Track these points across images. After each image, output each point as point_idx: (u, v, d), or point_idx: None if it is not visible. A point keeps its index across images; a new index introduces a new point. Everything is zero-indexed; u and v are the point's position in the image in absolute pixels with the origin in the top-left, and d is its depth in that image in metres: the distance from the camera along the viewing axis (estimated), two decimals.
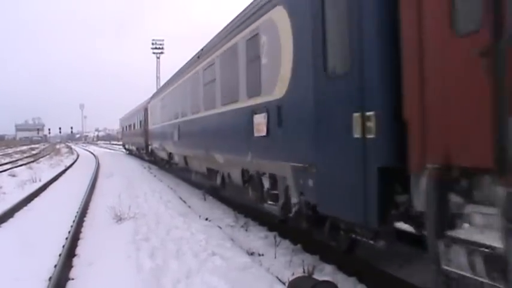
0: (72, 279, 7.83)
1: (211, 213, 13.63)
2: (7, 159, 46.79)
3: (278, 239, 9.90)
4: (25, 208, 15.16)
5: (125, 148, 63.90)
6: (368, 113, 5.68)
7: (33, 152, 69.86)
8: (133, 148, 49.10)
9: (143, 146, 37.29)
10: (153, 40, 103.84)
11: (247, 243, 10.00)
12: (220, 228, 11.45)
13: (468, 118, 4.36)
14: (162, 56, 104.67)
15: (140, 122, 39.21)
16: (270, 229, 11.13)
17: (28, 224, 12.40)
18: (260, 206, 10.48)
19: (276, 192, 9.33)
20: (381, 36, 5.58)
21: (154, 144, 30.20)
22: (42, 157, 52.25)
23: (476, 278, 4.28)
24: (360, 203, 5.86)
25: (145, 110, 35.68)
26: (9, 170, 29.97)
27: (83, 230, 11.66)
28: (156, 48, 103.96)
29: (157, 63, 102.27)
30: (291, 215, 8.45)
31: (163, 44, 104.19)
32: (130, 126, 49.99)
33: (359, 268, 7.69)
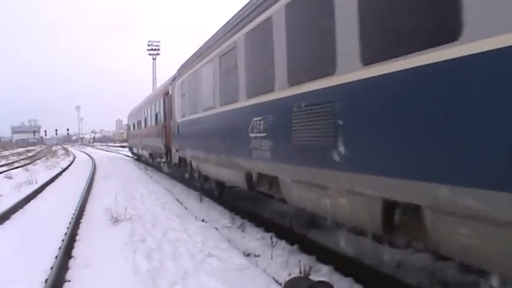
0: (69, 281, 7.82)
1: (208, 214, 13.62)
2: (3, 162, 46.62)
3: (274, 239, 9.89)
4: (21, 210, 15.12)
5: (132, 152, 49.47)
6: None
7: (30, 154, 69.73)
8: (145, 153, 35.17)
9: (162, 151, 25.11)
10: (149, 41, 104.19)
11: (243, 244, 10.00)
12: (216, 229, 11.44)
13: None
14: (158, 57, 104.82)
15: (156, 115, 27.24)
16: (267, 230, 11.12)
17: (24, 226, 12.37)
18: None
19: None
20: None
21: (191, 151, 16.90)
22: (38, 159, 52.16)
23: None
24: None
25: (166, 95, 23.25)
26: (5, 172, 29.88)
27: (79, 231, 11.65)
28: (152, 49, 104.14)
29: (154, 65, 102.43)
30: None
31: (159, 46, 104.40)
32: (139, 123, 36.83)
33: (356, 269, 7.69)
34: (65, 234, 10.86)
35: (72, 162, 44.58)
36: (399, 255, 7.42)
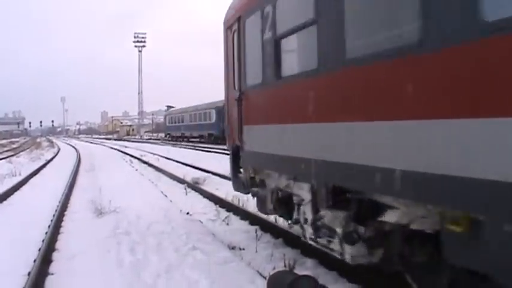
0: (52, 274, 7.78)
1: (193, 207, 13.55)
2: None
3: (259, 233, 9.90)
4: (5, 203, 15.03)
5: None
6: None
7: (13, 146, 69.32)
8: None
9: None
10: (136, 33, 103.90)
11: (228, 237, 9.98)
12: (201, 222, 11.42)
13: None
14: (144, 49, 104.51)
15: None
16: (252, 223, 11.12)
17: (7, 219, 12.26)
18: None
19: None
20: None
21: None
22: (22, 151, 51.82)
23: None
24: None
25: None
26: None
27: (63, 224, 11.60)
28: (138, 41, 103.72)
29: (140, 57, 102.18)
30: None
31: (145, 38, 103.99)
32: None
33: (340, 262, 7.70)
34: (49, 226, 10.80)
35: (56, 154, 44.26)
36: None
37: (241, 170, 10.11)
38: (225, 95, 10.96)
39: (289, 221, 8.45)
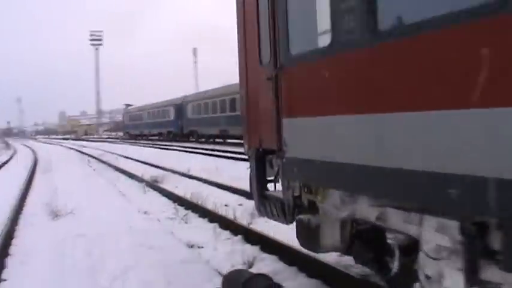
0: (4, 280, 7.58)
1: (151, 206, 13.41)
2: None
3: (218, 230, 9.84)
4: None
5: None
6: None
7: None
8: None
9: None
10: (91, 31, 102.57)
11: (186, 235, 9.86)
12: (159, 221, 11.31)
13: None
14: (101, 48, 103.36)
15: None
16: (211, 221, 11.04)
17: None
18: None
19: None
20: None
21: None
22: None
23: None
24: None
25: None
26: None
27: (17, 227, 11.31)
28: (94, 39, 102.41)
29: (96, 55, 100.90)
30: None
31: (102, 36, 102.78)
32: None
33: (299, 258, 7.70)
34: (2, 231, 10.52)
35: (12, 157, 43.44)
36: None
37: (269, 184, 7.41)
38: (241, 75, 7.75)
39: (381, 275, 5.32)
